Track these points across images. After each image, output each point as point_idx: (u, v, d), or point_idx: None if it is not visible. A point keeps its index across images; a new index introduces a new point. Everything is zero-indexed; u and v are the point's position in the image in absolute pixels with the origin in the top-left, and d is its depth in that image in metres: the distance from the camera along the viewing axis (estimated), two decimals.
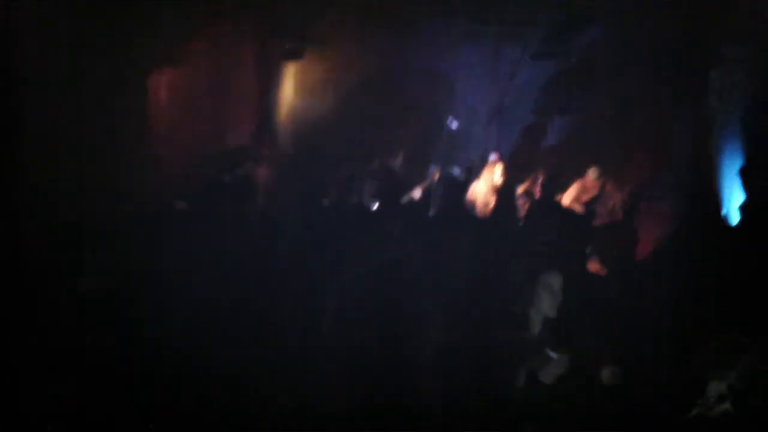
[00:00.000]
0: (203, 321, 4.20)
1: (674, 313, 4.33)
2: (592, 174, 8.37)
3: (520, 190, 8.30)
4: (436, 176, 7.75)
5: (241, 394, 3.80)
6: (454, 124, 9.43)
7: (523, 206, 7.83)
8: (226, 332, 4.18)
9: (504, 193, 7.36)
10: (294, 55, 7.86)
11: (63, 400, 3.68)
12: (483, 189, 8.05)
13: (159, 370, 3.78)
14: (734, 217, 6.80)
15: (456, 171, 8.63)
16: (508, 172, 8.53)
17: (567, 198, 8.45)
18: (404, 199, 7.48)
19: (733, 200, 7.22)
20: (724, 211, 7.57)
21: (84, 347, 3.85)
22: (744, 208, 5.90)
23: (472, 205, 7.93)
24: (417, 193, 7.55)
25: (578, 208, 8.33)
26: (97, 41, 5.47)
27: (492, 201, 7.75)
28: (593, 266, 6.01)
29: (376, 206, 6.36)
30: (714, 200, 7.21)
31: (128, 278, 4.41)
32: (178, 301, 4.25)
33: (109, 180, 5.29)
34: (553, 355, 3.82)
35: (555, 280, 4.11)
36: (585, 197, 8.42)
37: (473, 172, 8.60)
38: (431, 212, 7.05)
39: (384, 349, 4.01)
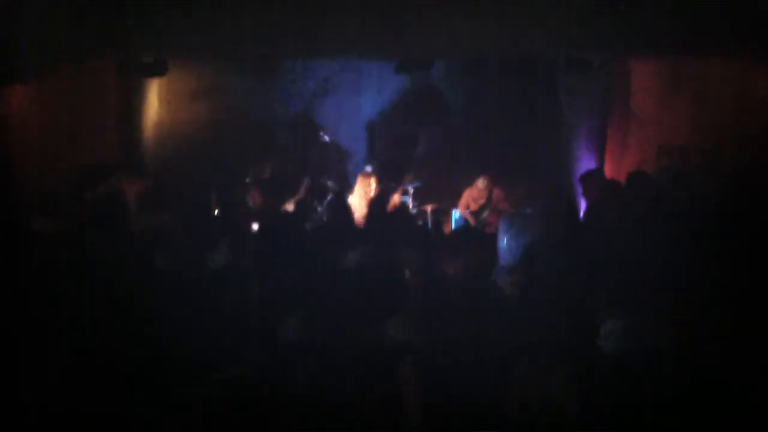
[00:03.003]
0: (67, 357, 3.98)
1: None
2: (480, 183, 8.67)
3: (395, 200, 8.46)
4: (303, 188, 7.78)
5: None
6: (326, 137, 9.52)
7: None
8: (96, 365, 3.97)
9: (377, 203, 7.46)
10: (155, 69, 7.65)
11: None
12: (358, 201, 8.14)
13: None
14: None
15: (329, 183, 8.71)
16: (381, 183, 8.68)
17: (461, 207, 8.74)
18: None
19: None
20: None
21: None
22: (587, 213, 6.27)
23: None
24: (290, 206, 7.58)
25: (470, 219, 8.61)
26: None
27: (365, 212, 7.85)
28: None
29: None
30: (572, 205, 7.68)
31: None
32: (41, 330, 4.01)
33: None
34: None
35: None
36: (474, 206, 8.71)
37: (346, 183, 8.71)
38: (309, 224, 7.07)
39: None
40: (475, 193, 8.71)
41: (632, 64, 8.12)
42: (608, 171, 8.52)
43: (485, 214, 8.55)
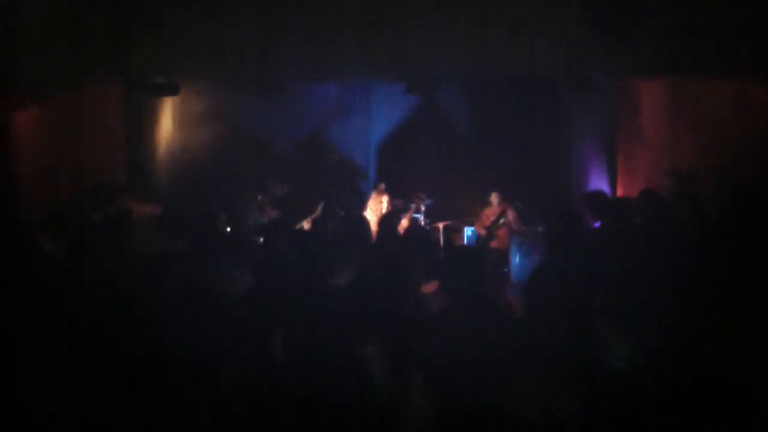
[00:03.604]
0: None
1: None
2: (493, 199, 8.68)
3: (405, 218, 8.48)
4: (319, 209, 7.82)
5: None
6: (338, 156, 9.57)
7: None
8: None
9: (387, 220, 7.48)
10: (167, 90, 7.74)
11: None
12: (370, 218, 8.17)
13: None
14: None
15: (343, 201, 8.75)
16: (394, 201, 8.72)
17: (477, 226, 8.77)
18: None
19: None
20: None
21: None
22: (595, 235, 6.25)
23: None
24: (306, 225, 7.64)
25: (482, 233, 8.62)
26: None
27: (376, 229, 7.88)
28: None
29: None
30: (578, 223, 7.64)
31: None
32: (45, 348, 4.04)
33: None
34: None
35: None
36: (488, 222, 8.72)
37: (359, 201, 8.75)
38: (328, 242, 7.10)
39: None
40: (489, 211, 8.73)
41: (639, 82, 8.11)
42: (619, 188, 8.49)
43: (495, 228, 8.56)
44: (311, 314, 4.59)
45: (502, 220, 8.46)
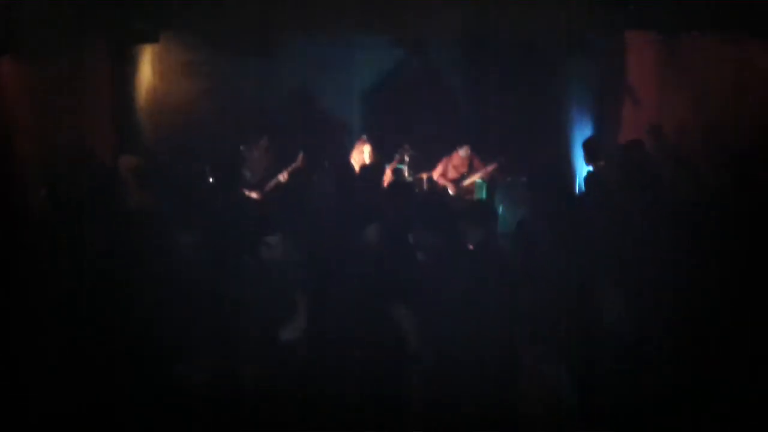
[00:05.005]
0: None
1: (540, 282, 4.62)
2: (462, 152, 8.71)
3: (389, 169, 8.49)
4: (300, 159, 7.80)
5: None
6: (322, 111, 9.51)
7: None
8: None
9: (369, 170, 7.49)
10: (146, 37, 7.58)
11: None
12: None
13: None
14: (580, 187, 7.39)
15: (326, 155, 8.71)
16: (376, 153, 8.70)
17: (435, 174, 8.77)
18: (270, 184, 7.58)
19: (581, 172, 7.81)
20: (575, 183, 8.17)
21: None
22: (587, 179, 6.37)
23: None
24: (283, 176, 7.63)
25: (449, 187, 8.66)
26: None
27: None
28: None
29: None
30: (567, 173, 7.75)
31: None
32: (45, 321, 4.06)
33: None
34: None
35: None
36: (453, 174, 8.75)
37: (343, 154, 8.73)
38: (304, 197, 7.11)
39: None
40: (456, 161, 8.76)
41: (629, 40, 8.11)
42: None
43: (466, 182, 8.67)
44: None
45: (473, 174, 8.57)
